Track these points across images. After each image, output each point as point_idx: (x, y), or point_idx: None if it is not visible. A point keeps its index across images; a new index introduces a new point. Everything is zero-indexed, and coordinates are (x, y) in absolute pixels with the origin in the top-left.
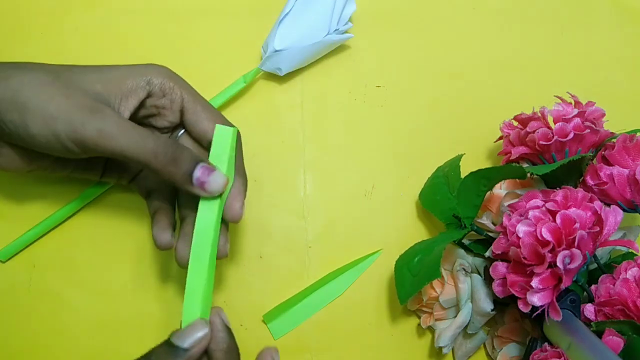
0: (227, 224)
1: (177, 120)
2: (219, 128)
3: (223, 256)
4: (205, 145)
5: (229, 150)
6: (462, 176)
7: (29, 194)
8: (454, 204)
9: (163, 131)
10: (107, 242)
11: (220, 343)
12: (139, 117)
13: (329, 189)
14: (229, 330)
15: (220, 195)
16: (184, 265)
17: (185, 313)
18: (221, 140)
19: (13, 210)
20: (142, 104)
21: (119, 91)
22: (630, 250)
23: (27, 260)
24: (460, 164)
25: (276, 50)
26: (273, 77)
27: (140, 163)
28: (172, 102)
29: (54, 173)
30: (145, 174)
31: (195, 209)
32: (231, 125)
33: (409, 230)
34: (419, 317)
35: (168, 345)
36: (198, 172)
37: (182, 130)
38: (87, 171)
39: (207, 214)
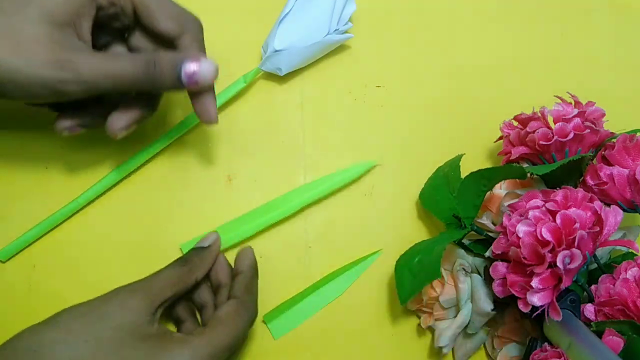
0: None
1: (132, 22)
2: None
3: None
4: (165, 41)
5: None
6: (462, 176)
7: (29, 194)
8: (454, 204)
9: (118, 34)
10: (108, 242)
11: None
12: (96, 30)
13: None
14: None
15: None
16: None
17: None
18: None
19: (13, 210)
20: (94, 20)
21: (70, 21)
22: (630, 250)
23: (27, 260)
24: (460, 164)
25: (276, 50)
26: (273, 77)
27: (128, 89)
28: (123, 9)
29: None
30: None
31: None
32: (192, 16)
33: (409, 230)
34: (419, 317)
35: (195, 248)
36: (184, 76)
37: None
38: None
39: None
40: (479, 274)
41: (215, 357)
